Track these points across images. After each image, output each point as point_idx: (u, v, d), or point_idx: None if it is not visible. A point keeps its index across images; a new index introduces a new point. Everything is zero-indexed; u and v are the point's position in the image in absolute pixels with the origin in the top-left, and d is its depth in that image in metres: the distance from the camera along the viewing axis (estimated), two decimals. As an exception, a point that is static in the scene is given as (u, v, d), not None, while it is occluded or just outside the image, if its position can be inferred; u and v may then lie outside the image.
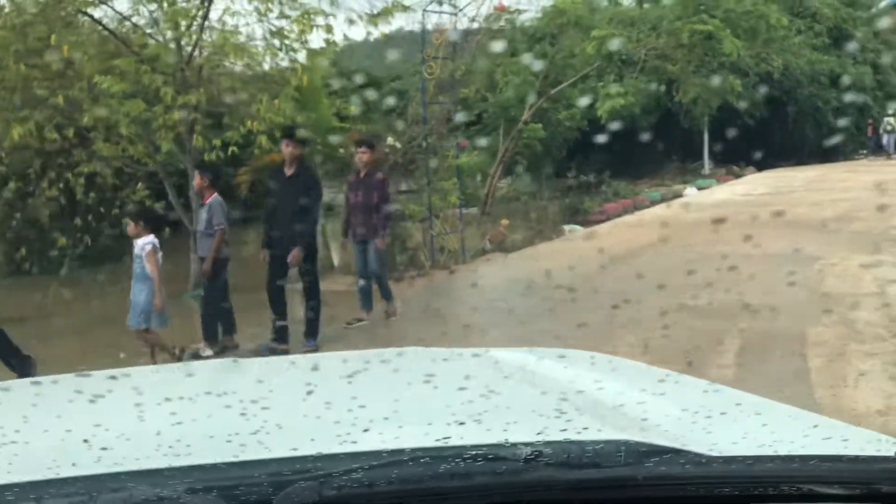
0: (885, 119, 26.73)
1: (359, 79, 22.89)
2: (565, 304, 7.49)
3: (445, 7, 11.16)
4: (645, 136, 21.37)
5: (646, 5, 17.66)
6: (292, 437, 1.17)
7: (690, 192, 19.13)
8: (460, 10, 10.98)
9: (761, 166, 24.55)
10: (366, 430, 1.18)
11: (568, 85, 17.48)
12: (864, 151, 27.57)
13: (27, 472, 1.00)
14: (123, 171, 11.05)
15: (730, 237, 10.49)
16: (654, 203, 17.62)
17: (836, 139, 26.54)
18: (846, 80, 25.46)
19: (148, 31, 9.55)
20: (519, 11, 16.75)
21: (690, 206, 15.33)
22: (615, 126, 19.73)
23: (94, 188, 11.46)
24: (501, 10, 12.68)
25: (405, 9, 10.09)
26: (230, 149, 8.62)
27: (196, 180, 7.41)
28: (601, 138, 20.80)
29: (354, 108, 12.51)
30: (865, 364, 5.69)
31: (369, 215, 7.37)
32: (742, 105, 21.76)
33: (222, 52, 8.47)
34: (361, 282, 7.64)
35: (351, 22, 9.76)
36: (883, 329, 6.40)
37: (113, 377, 1.58)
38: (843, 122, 25.61)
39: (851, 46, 25.88)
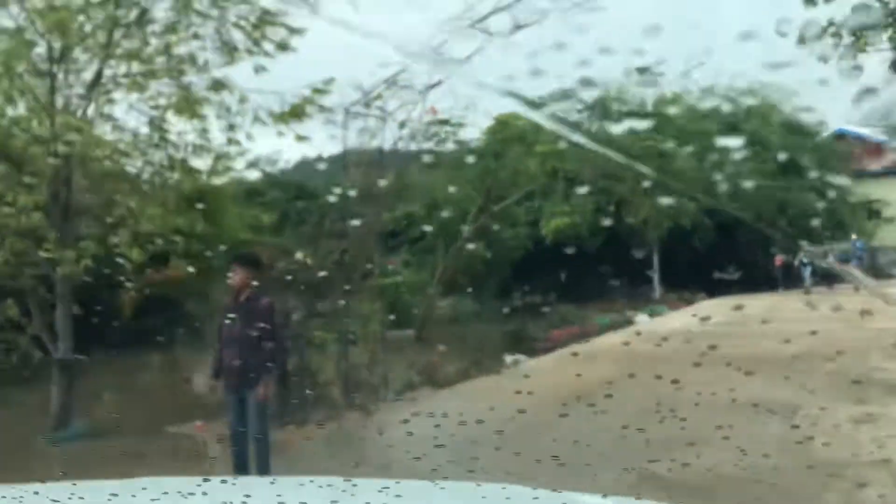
0: (802, 250, 25.71)
1: (289, 190, 21.71)
2: (499, 469, 5.85)
3: (372, 110, 9.90)
4: (594, 258, 20.37)
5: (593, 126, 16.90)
6: None
7: (642, 319, 17.89)
8: (389, 113, 9.74)
9: (712, 292, 23.65)
10: None
11: (511, 202, 16.37)
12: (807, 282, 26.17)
13: None
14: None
15: (694, 378, 8.99)
16: (603, 330, 16.26)
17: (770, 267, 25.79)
18: (795, 207, 25.11)
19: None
20: (460, 125, 15.81)
21: (645, 337, 13.95)
22: (562, 246, 18.65)
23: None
24: (434, 114, 11.57)
25: (321, 109, 8.75)
26: (81, 262, 6.95)
27: None
28: (547, 259, 19.70)
29: (268, 219, 11.03)
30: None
31: (248, 354, 5.67)
32: (692, 229, 21.02)
33: (67, 142, 6.91)
34: (234, 443, 5.86)
35: (257, 119, 8.39)
36: (909, 521, 4.87)
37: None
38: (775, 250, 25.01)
39: (798, 173, 25.74)
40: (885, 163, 31.24)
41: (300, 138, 8.94)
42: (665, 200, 17.26)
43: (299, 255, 9.03)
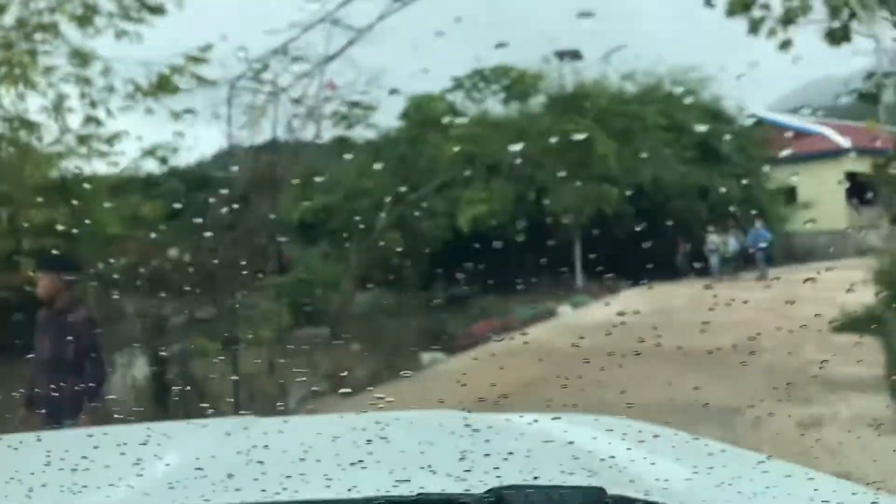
0: (709, 238, 24.86)
1: (192, 181, 20.24)
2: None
3: (264, 86, 8.76)
4: (514, 248, 19.63)
5: (513, 105, 16.05)
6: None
7: (565, 310, 17.22)
8: (282, 88, 8.62)
9: (635, 280, 23.19)
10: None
11: (428, 190, 15.43)
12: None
13: None
14: None
15: (623, 376, 8.27)
16: (526, 323, 15.52)
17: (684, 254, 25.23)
18: (715, 193, 24.90)
19: None
20: (371, 107, 14.77)
21: (569, 329, 13.28)
22: (482, 236, 17.84)
23: None
24: (333, 89, 10.47)
25: (199, 81, 7.60)
26: None
27: None
28: (468, 249, 18.87)
29: (150, 211, 9.78)
30: None
31: (62, 378, 4.51)
32: (614, 216, 20.50)
33: None
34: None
35: (138, 90, 7.23)
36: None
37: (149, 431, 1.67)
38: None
39: (718, 159, 25.59)
40: (802, 149, 31.60)
41: (176, 115, 7.78)
42: (587, 186, 16.62)
43: (173, 252, 7.85)
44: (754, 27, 9.75)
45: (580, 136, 12.39)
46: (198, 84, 7.70)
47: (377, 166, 15.94)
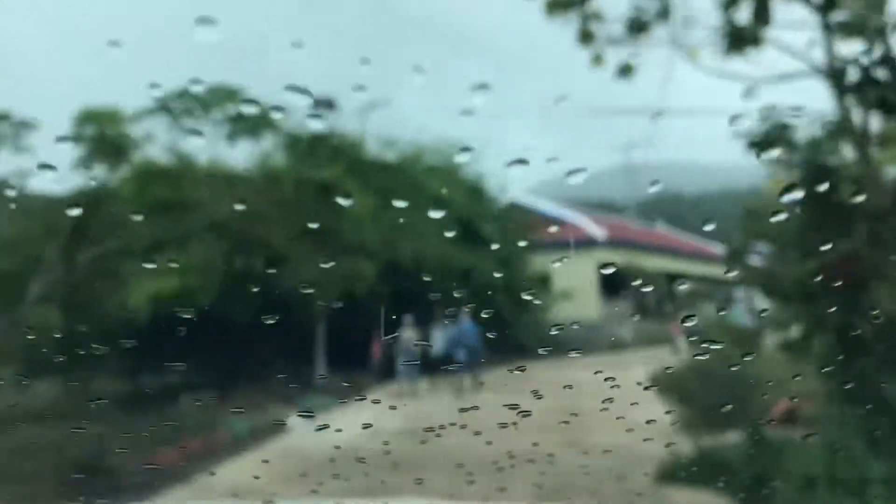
0: (401, 332, 20.28)
1: None
2: None
3: None
4: (240, 333, 15.35)
5: (241, 144, 12.02)
6: None
7: (296, 422, 13.04)
8: None
9: (389, 373, 19.74)
10: None
11: (104, 252, 10.75)
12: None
13: None
14: None
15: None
16: (239, 444, 11.17)
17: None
18: (477, 276, 22.36)
19: None
20: (26, 124, 10.01)
21: (291, 462, 9.21)
22: (188, 316, 13.33)
23: None
24: None
25: None
26: None
27: None
28: (182, 331, 14.22)
29: None
30: None
31: None
32: (368, 296, 16.95)
33: None
34: None
35: None
36: None
37: None
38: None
39: (480, 241, 23.28)
40: (558, 237, 30.74)
41: None
42: (338, 257, 12.81)
43: None
44: (585, 37, 6.69)
45: (329, 178, 8.80)
46: None
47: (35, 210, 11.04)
